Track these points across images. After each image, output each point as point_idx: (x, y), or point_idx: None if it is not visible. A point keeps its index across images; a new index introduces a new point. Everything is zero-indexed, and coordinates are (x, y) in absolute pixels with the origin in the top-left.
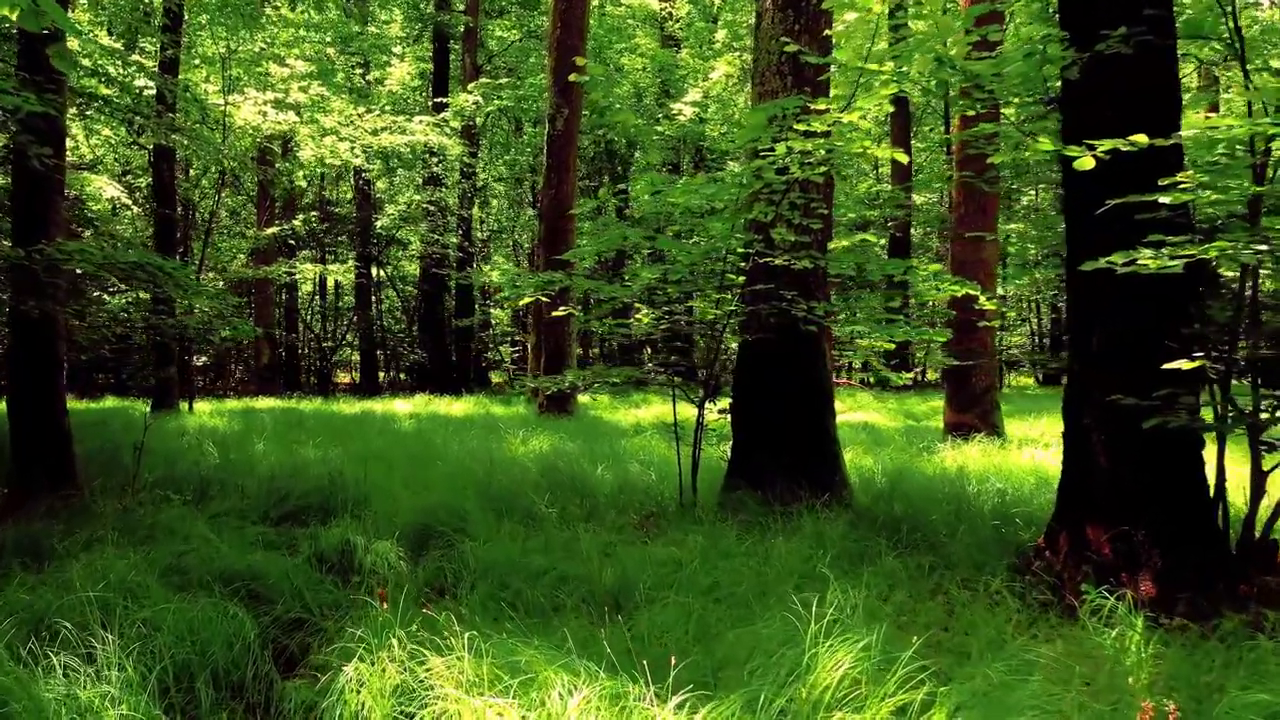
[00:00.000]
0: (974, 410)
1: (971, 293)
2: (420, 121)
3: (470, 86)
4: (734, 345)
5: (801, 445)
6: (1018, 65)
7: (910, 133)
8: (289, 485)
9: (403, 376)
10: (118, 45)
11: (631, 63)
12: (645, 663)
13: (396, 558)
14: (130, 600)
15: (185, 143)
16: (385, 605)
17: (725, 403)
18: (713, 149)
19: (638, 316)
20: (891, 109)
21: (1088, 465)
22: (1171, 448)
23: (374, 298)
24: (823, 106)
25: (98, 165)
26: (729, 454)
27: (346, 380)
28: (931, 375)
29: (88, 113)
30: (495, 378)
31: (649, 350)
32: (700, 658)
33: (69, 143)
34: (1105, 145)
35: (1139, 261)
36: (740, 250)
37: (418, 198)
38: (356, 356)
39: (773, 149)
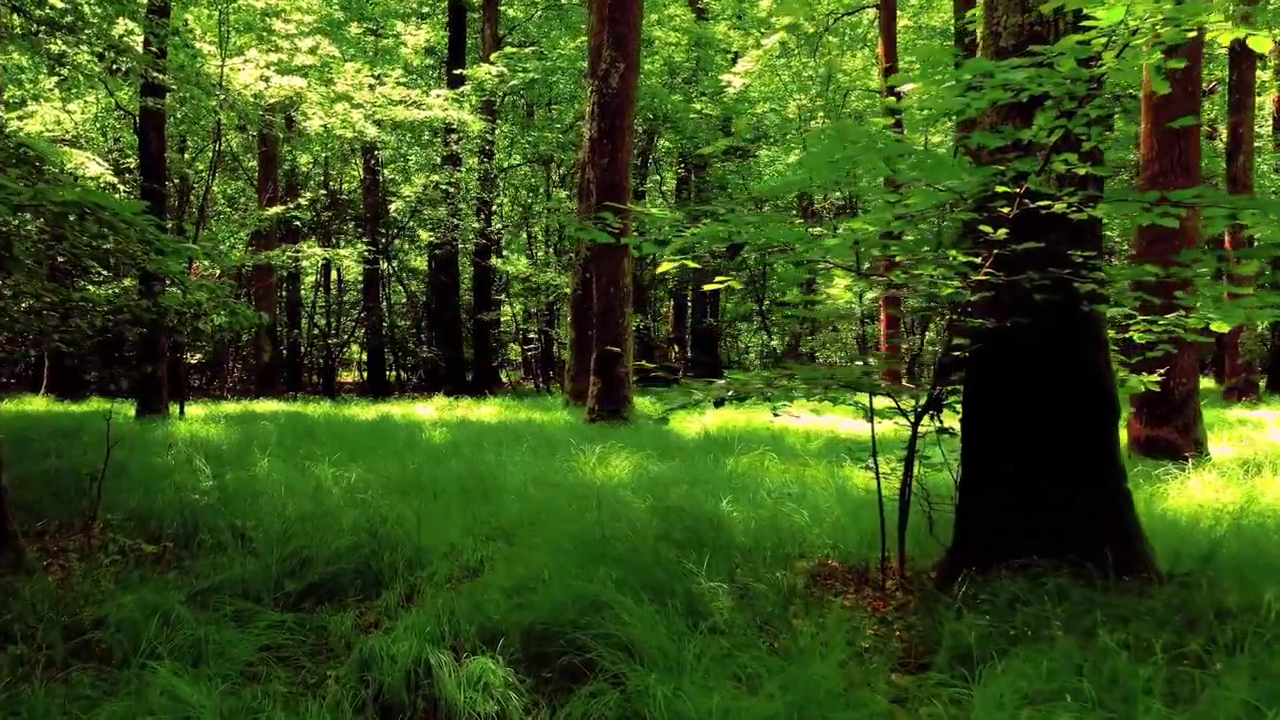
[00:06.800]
0: (1173, 423)
1: None
2: (438, 95)
3: (493, 57)
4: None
5: (1083, 483)
6: None
7: None
8: (311, 541)
9: (409, 376)
10: None
11: (665, 36)
12: None
13: (504, 685)
14: None
15: (174, 86)
16: None
17: (951, 417)
18: (743, 134)
19: (829, 290)
20: None
21: None
22: None
23: (383, 291)
24: None
25: (80, 140)
26: (956, 489)
27: (351, 379)
28: None
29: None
30: (507, 377)
31: (675, 349)
32: None
33: (52, 117)
34: None
35: None
36: (1003, 189)
37: (435, 178)
38: (363, 355)
39: (1096, 16)
